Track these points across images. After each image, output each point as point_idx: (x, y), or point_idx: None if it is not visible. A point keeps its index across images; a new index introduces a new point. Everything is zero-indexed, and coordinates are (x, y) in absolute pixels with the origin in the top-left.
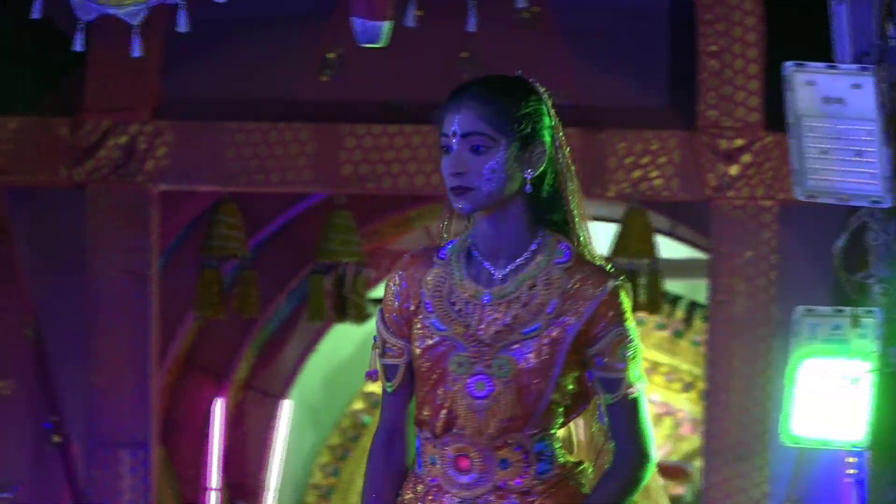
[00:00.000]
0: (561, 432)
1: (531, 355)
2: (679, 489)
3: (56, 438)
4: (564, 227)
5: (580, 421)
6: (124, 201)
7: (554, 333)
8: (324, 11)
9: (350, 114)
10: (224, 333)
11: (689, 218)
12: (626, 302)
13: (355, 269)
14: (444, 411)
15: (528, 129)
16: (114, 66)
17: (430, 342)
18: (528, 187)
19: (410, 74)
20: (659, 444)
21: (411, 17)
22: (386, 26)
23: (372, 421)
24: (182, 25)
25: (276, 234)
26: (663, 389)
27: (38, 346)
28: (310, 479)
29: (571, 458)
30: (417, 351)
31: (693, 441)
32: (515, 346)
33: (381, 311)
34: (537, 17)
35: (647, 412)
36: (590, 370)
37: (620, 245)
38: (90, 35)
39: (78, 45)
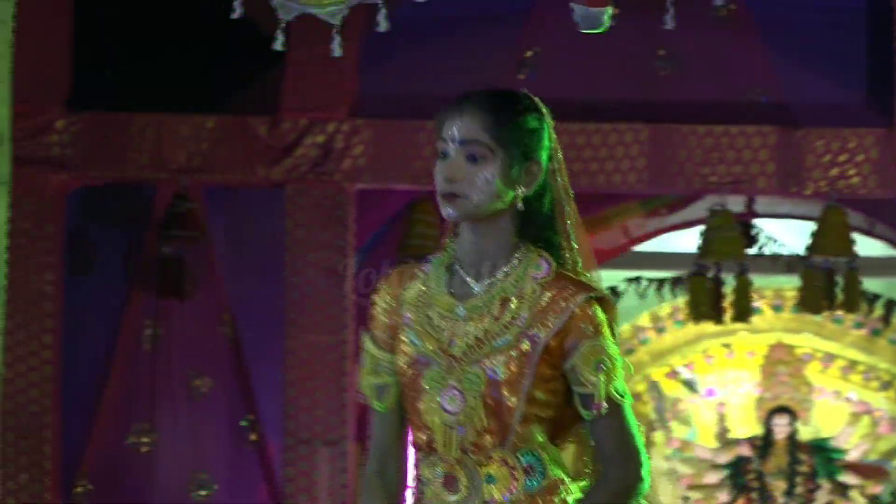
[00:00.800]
0: (570, 449)
1: (501, 368)
2: (877, 488)
3: (253, 436)
4: (553, 248)
5: None
6: (321, 200)
7: (524, 346)
8: (522, 10)
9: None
10: None
11: (887, 216)
12: (600, 315)
13: None
14: (426, 429)
15: (528, 146)
16: (312, 65)
17: (408, 358)
18: (520, 205)
19: (607, 72)
20: (856, 443)
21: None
22: (606, 12)
23: None
24: (382, 25)
25: None
26: (861, 388)
27: (235, 345)
28: None
29: (564, 474)
30: (400, 367)
31: (891, 440)
32: (486, 359)
33: (370, 328)
34: (734, 14)
35: (633, 430)
36: (570, 385)
37: (817, 243)
38: (289, 34)
39: (278, 44)
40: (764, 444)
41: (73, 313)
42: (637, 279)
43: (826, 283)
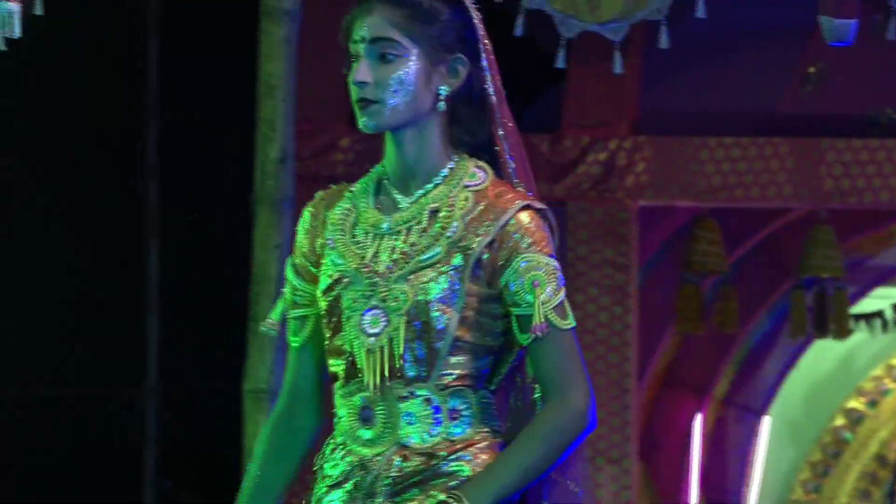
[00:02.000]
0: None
1: (430, 285)
2: None
3: None
4: (493, 157)
5: None
6: (604, 217)
7: (454, 260)
8: (806, 25)
9: (830, 128)
10: (704, 349)
11: None
12: (539, 228)
13: (835, 285)
14: (345, 355)
15: (446, 41)
16: (593, 82)
17: (329, 280)
18: (442, 105)
19: (892, 88)
20: None
21: (893, 30)
22: (854, 25)
23: (853, 438)
24: (663, 42)
25: (755, 250)
26: None
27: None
28: (790, 495)
29: (494, 425)
30: (319, 293)
31: None
32: (413, 275)
33: (291, 254)
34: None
35: (575, 357)
36: (506, 308)
37: None
38: (570, 51)
39: (559, 61)
40: None
41: None
42: None
43: None
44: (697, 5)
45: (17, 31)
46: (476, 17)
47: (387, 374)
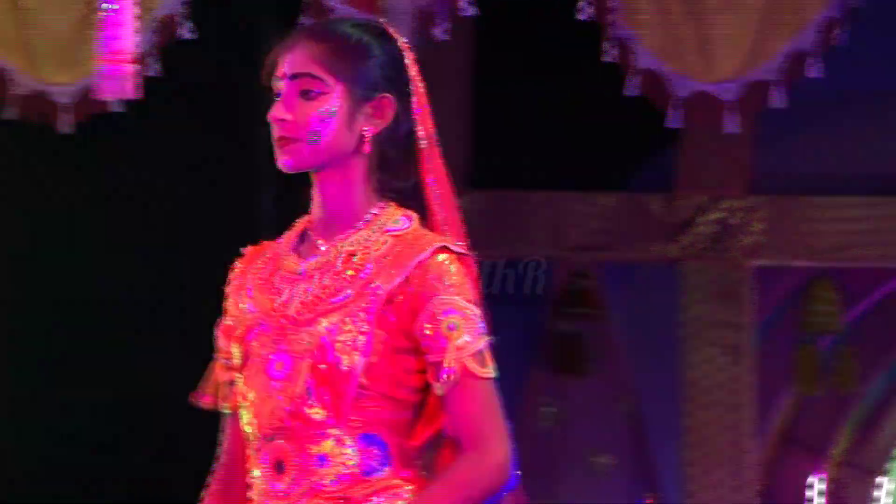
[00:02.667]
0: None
1: (335, 327)
2: None
3: None
4: (416, 202)
5: None
6: (719, 277)
7: (365, 304)
8: None
9: None
10: (821, 409)
11: None
12: (458, 273)
13: None
14: (250, 405)
15: (373, 79)
16: (707, 142)
17: (231, 321)
18: (367, 147)
19: None
20: None
21: None
22: None
23: None
24: (778, 101)
25: (872, 309)
26: None
27: (635, 422)
28: None
29: (414, 471)
30: (219, 331)
31: None
32: (322, 318)
33: (221, 317)
34: None
35: (492, 408)
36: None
37: None
38: (684, 111)
39: (673, 121)
40: None
41: None
42: None
43: None
44: (812, 65)
45: (134, 93)
46: (408, 57)
47: (297, 419)
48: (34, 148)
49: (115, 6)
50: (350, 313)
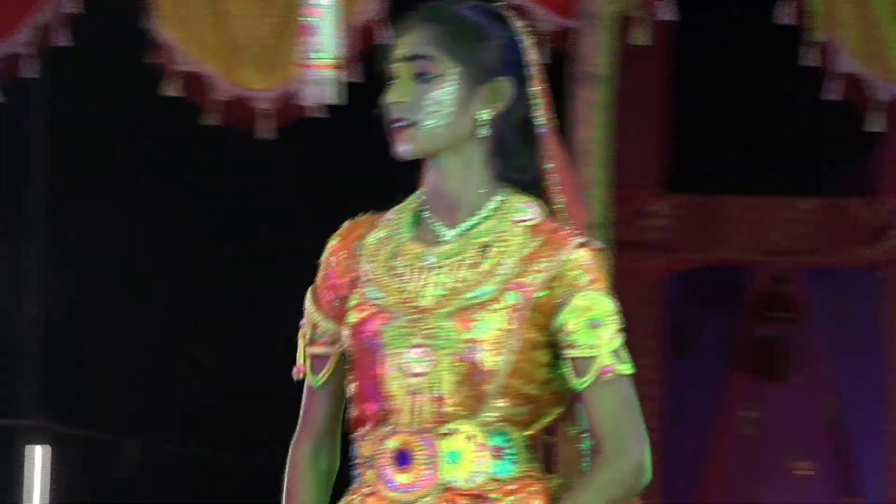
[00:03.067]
0: (538, 437)
1: (480, 323)
2: None
3: None
4: (537, 189)
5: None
6: None
7: (510, 301)
8: None
9: None
10: None
11: None
12: (599, 268)
13: None
14: (380, 398)
15: (490, 61)
16: None
17: (363, 315)
18: (483, 131)
19: None
20: None
21: None
22: None
23: None
24: None
25: None
26: None
27: (837, 427)
28: None
29: (537, 466)
30: (347, 331)
31: None
32: (461, 312)
33: (313, 288)
34: None
35: (635, 406)
36: (559, 351)
37: None
38: (885, 114)
39: (874, 124)
40: None
41: (672, 397)
42: None
43: None
44: None
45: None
46: (527, 40)
47: (429, 415)
48: (235, 152)
49: (315, 12)
50: (494, 310)
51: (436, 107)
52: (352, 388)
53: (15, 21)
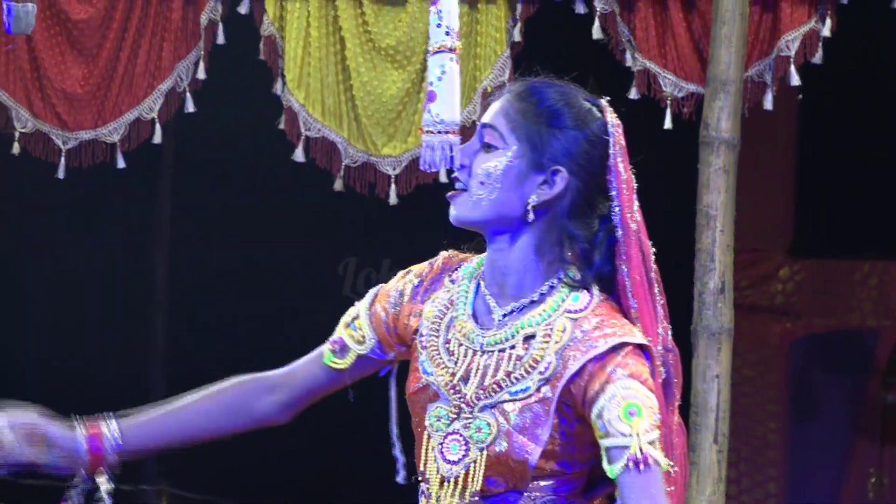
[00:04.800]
0: None
1: (513, 415)
2: None
3: None
4: (606, 287)
5: None
6: None
7: (547, 394)
8: None
9: None
10: None
11: None
12: (637, 363)
13: None
14: (424, 463)
15: (553, 149)
16: None
17: (417, 385)
18: (532, 216)
19: None
20: None
21: None
22: None
23: None
24: None
25: None
26: None
27: None
28: None
29: None
30: (408, 390)
31: None
32: (499, 406)
33: (379, 288)
34: None
35: (664, 499)
36: (598, 439)
37: None
38: None
39: None
40: None
41: (797, 461)
42: None
43: None
44: None
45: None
46: (616, 140)
47: (470, 494)
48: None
49: (440, 79)
50: (528, 404)
51: (485, 178)
52: (415, 434)
53: (144, 88)
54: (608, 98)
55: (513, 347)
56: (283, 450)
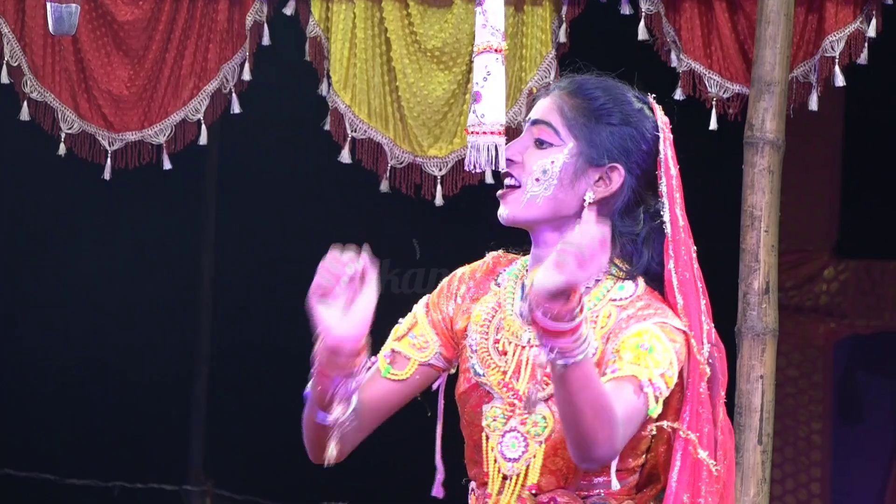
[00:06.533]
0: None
1: None
2: None
3: None
4: (653, 283)
5: None
6: None
7: None
8: None
9: None
10: None
11: None
12: (673, 332)
13: None
14: (480, 463)
15: (608, 145)
16: None
17: (467, 386)
18: (586, 212)
19: None
20: None
21: None
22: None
23: None
24: None
25: None
26: None
27: None
28: None
29: None
30: (458, 390)
31: None
32: (552, 399)
33: (429, 298)
34: None
35: (629, 411)
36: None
37: None
38: None
39: None
40: None
41: (841, 462)
42: None
43: None
44: None
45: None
46: (665, 137)
47: (524, 493)
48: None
49: (486, 79)
50: None
51: (540, 175)
52: (464, 436)
53: (189, 89)
54: (655, 96)
55: None
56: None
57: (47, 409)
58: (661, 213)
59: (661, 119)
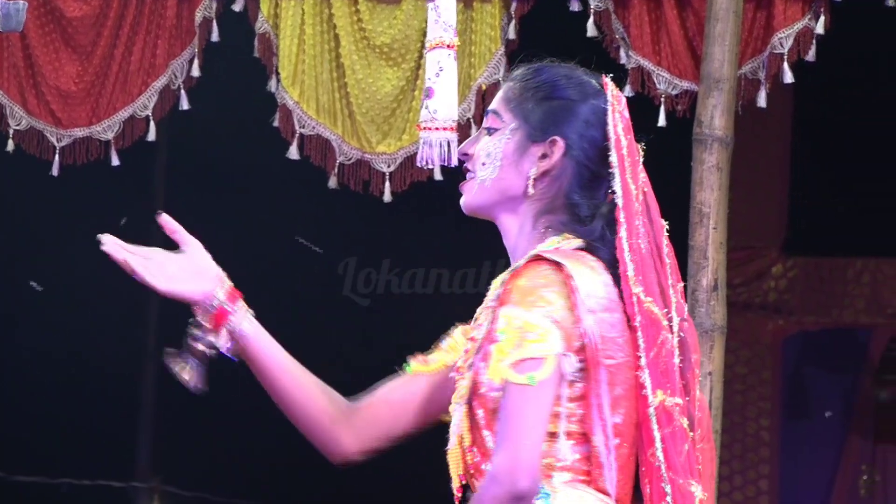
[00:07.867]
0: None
1: (482, 365)
2: None
3: None
4: (610, 254)
5: None
6: None
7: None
8: None
9: None
10: None
11: None
12: (520, 279)
13: None
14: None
15: (549, 120)
16: None
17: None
18: (532, 189)
19: None
20: None
21: None
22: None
23: None
24: None
25: None
26: None
27: None
28: None
29: None
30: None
31: None
32: (474, 366)
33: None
34: None
35: (520, 417)
36: None
37: None
38: None
39: None
40: None
41: (789, 459)
42: None
43: None
44: None
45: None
46: (615, 110)
47: (466, 471)
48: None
49: (438, 75)
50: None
51: (486, 158)
52: None
53: (138, 85)
54: (612, 76)
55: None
56: (275, 447)
57: None
58: (611, 183)
59: (612, 92)
